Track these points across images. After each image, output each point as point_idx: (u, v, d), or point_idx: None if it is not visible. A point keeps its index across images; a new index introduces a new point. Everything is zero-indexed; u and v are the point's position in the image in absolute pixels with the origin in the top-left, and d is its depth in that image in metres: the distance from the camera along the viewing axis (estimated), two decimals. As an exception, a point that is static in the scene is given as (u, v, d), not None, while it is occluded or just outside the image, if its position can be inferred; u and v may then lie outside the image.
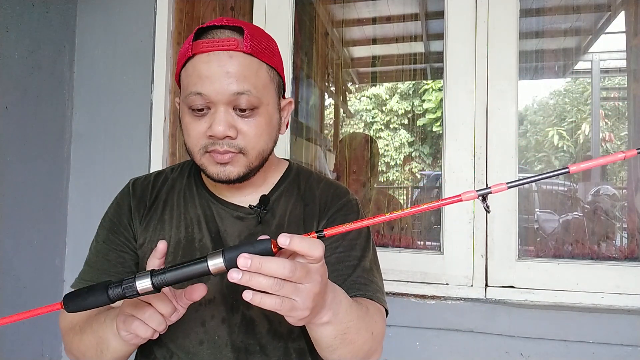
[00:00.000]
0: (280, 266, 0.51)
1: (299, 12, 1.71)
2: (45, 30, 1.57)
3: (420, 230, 1.75)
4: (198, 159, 0.77)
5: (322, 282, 0.55)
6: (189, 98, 0.74)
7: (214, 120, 0.73)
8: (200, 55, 0.73)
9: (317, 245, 0.53)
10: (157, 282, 0.53)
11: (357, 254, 0.82)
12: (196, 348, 0.78)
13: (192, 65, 0.74)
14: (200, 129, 0.74)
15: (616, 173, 1.99)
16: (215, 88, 0.72)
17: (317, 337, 0.66)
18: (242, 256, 0.50)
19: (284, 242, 0.51)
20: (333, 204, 0.86)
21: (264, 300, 0.52)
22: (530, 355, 1.30)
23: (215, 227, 0.83)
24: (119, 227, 0.85)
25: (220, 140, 0.74)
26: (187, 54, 0.74)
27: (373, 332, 0.72)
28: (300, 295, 0.53)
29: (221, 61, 0.72)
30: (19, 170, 1.48)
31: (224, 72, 0.72)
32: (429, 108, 3.29)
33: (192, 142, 0.76)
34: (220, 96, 0.72)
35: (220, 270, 0.52)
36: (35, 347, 1.52)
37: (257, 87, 0.74)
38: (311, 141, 2.14)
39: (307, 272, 0.53)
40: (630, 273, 1.32)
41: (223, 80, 0.72)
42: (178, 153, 1.72)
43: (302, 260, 0.54)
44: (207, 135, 0.74)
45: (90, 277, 0.83)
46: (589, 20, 1.77)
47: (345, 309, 0.65)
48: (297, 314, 0.55)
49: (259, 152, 0.77)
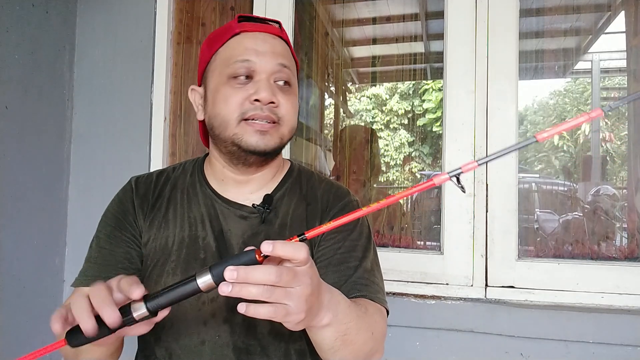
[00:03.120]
0: (266, 273, 0.51)
1: (299, 12, 1.71)
2: (45, 30, 1.57)
3: (420, 230, 1.75)
4: (232, 129, 0.78)
5: (312, 284, 0.56)
6: (233, 65, 0.78)
7: (260, 87, 0.77)
8: (247, 33, 0.80)
9: (301, 248, 0.53)
10: (152, 307, 0.55)
11: (358, 255, 0.82)
12: (197, 348, 0.78)
13: (237, 41, 0.80)
14: (242, 95, 0.78)
15: (616, 173, 1.99)
16: (261, 58, 0.78)
17: (318, 340, 0.66)
18: (227, 269, 0.51)
19: (267, 249, 0.51)
20: (335, 204, 0.87)
21: (258, 310, 0.53)
22: (530, 355, 1.30)
23: (219, 226, 0.83)
24: (124, 223, 0.85)
25: (263, 106, 0.77)
26: (232, 32, 0.80)
27: (373, 332, 0.72)
28: (292, 299, 0.54)
29: (267, 39, 0.80)
30: (19, 170, 1.48)
31: (269, 47, 0.80)
32: (429, 108, 3.29)
33: (230, 110, 0.78)
34: (266, 65, 0.78)
35: (210, 286, 0.54)
36: (36, 347, 1.52)
37: (291, 68, 0.83)
38: (311, 141, 2.14)
39: (295, 275, 0.53)
40: (630, 273, 1.31)
41: (268, 53, 0.79)
42: (178, 153, 1.72)
43: (289, 265, 0.54)
44: (251, 101, 0.77)
45: (93, 273, 0.82)
46: (589, 20, 1.77)
47: (343, 309, 0.65)
48: (292, 318, 0.55)
49: (291, 126, 0.82)
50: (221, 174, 0.87)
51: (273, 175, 0.88)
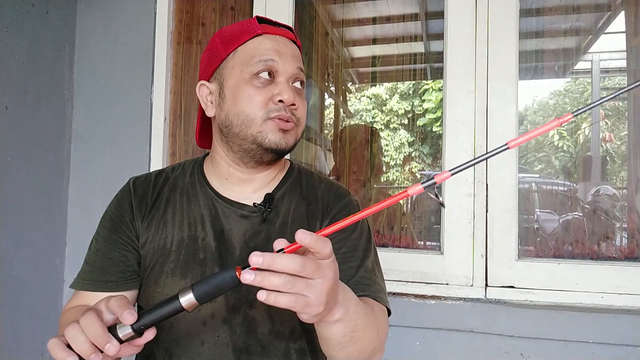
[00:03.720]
0: (291, 261, 0.51)
1: (299, 12, 1.71)
2: (45, 30, 1.57)
3: (420, 230, 1.75)
4: (257, 127, 0.79)
5: (334, 278, 0.56)
6: (256, 64, 0.79)
7: (283, 88, 0.79)
8: (268, 35, 0.82)
9: (327, 242, 0.54)
10: (137, 327, 0.57)
11: (359, 255, 0.82)
12: (197, 348, 0.78)
13: (259, 41, 0.81)
14: (266, 96, 0.79)
15: (616, 173, 1.99)
16: (283, 60, 0.81)
17: (327, 335, 0.66)
18: (253, 254, 0.51)
19: (305, 238, 0.51)
20: (335, 203, 0.87)
21: (279, 299, 0.53)
22: (530, 355, 1.30)
23: (220, 226, 0.83)
24: (120, 225, 0.85)
25: (287, 107, 0.80)
26: (253, 31, 0.81)
27: (378, 331, 0.73)
28: (313, 291, 0.54)
29: (287, 43, 0.83)
30: (19, 170, 1.48)
31: (290, 50, 0.83)
32: (429, 108, 3.29)
33: (255, 108, 0.79)
34: (289, 68, 0.81)
35: (193, 305, 0.55)
36: (35, 347, 1.52)
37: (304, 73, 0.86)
38: (311, 141, 2.14)
39: (318, 267, 0.54)
40: (630, 273, 1.32)
41: (289, 56, 0.82)
42: (178, 153, 1.72)
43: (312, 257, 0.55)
44: (275, 101, 0.79)
45: (91, 277, 0.82)
46: (589, 20, 1.77)
47: (354, 306, 0.65)
48: (311, 310, 0.55)
49: (303, 128, 0.85)
50: (226, 172, 0.86)
51: (275, 174, 0.88)
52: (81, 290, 0.83)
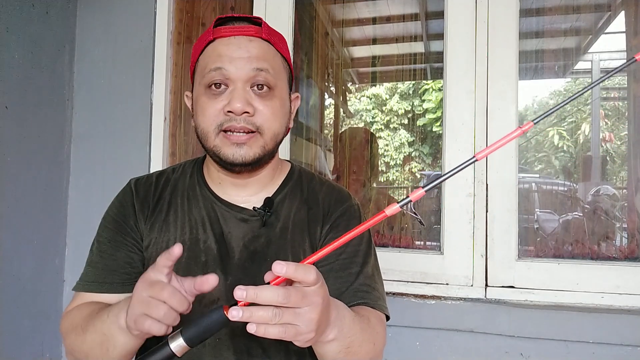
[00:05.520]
0: (274, 294, 0.51)
1: (299, 12, 1.70)
2: (45, 30, 1.57)
3: (421, 230, 1.75)
4: (212, 141, 0.77)
5: (322, 304, 0.56)
6: (208, 75, 0.75)
7: (233, 96, 0.74)
8: (221, 39, 0.77)
9: (310, 270, 0.53)
10: None
11: (359, 260, 0.82)
12: (198, 350, 0.78)
13: (212, 48, 0.77)
14: (217, 107, 0.75)
15: (616, 173, 1.99)
16: (234, 64, 0.75)
17: (322, 353, 0.66)
18: (237, 288, 0.51)
19: (280, 270, 0.51)
20: (336, 208, 0.86)
21: (268, 330, 0.53)
22: (530, 355, 1.30)
23: (219, 229, 0.83)
24: (125, 227, 0.84)
25: (237, 117, 0.75)
26: (207, 39, 0.77)
27: (375, 343, 0.73)
28: (301, 320, 0.54)
29: (241, 44, 0.77)
30: (19, 170, 1.48)
31: (244, 52, 0.76)
32: (429, 108, 3.29)
33: (208, 121, 0.76)
34: (240, 72, 0.75)
35: (184, 349, 0.56)
36: (35, 347, 1.52)
37: (274, 69, 0.78)
38: (311, 141, 2.14)
39: (303, 295, 0.53)
40: (630, 273, 1.31)
41: (243, 59, 0.75)
42: (178, 153, 1.72)
43: (299, 286, 0.54)
44: (225, 112, 0.75)
45: (95, 279, 0.81)
46: (589, 20, 1.77)
47: (348, 324, 0.65)
48: (302, 337, 0.55)
49: (274, 133, 0.78)
50: (217, 177, 0.86)
51: (271, 177, 0.87)
52: (85, 292, 0.82)
